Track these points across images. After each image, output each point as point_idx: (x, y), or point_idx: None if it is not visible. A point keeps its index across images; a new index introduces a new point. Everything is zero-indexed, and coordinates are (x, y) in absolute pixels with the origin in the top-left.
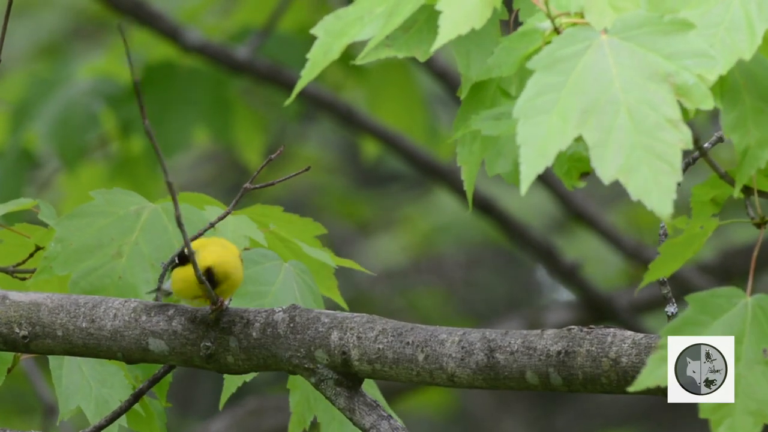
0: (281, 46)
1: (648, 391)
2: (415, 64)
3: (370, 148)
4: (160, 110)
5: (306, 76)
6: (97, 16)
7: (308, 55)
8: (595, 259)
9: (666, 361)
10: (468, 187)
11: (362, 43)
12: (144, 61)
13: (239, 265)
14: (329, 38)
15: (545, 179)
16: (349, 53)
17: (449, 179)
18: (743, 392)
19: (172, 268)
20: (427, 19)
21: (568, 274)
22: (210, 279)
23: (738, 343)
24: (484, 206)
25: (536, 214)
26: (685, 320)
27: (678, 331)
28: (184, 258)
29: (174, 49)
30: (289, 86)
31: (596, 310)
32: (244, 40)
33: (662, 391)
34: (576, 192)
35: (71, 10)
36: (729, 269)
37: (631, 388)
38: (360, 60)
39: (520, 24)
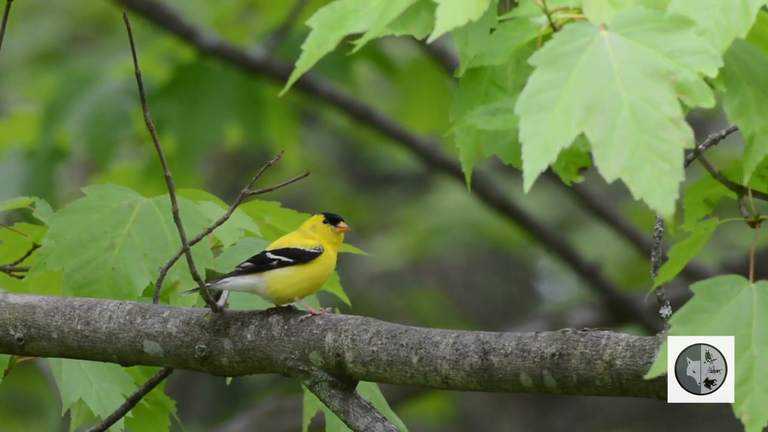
0: (299, 47)
1: (644, 392)
2: (444, 65)
3: (400, 156)
4: (191, 108)
5: (300, 67)
6: (97, 19)
7: (303, 47)
8: (600, 253)
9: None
10: (466, 169)
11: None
12: (175, 61)
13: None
14: (324, 30)
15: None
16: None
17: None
18: (759, 371)
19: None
20: None
21: (588, 275)
22: None
23: (747, 326)
24: (503, 206)
25: (544, 210)
26: (693, 308)
27: (687, 319)
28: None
29: (190, 50)
30: (304, 86)
31: (619, 311)
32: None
33: (657, 393)
34: (595, 190)
35: (71, 15)
36: (754, 268)
37: (647, 376)
38: (360, 42)
39: (516, 4)
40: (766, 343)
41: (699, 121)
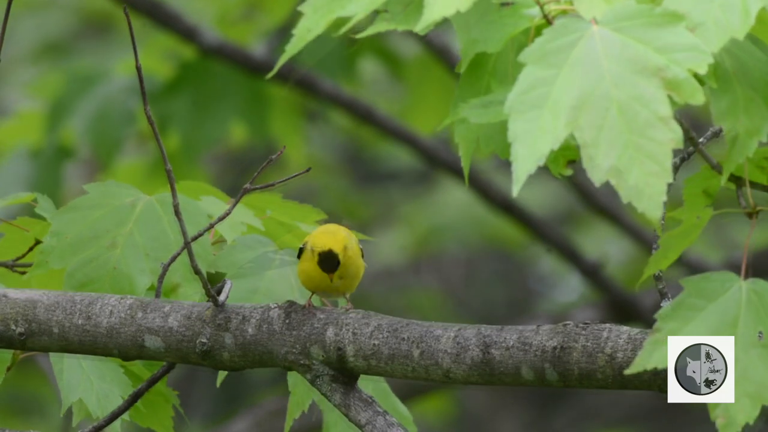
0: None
1: (646, 385)
2: (448, 64)
3: (402, 154)
4: (196, 106)
5: (289, 51)
6: (101, 16)
7: (293, 31)
8: (602, 252)
9: (662, 344)
10: (465, 165)
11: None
12: (179, 58)
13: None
14: (315, 15)
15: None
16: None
17: (471, 180)
18: (740, 375)
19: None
20: None
21: (591, 273)
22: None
23: (733, 326)
24: (505, 205)
25: (545, 208)
26: (681, 304)
27: (673, 315)
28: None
29: (192, 50)
30: (306, 85)
31: (622, 310)
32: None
33: (658, 386)
34: (598, 187)
35: (75, 10)
36: (757, 267)
37: (627, 371)
38: (361, 34)
39: None
40: (750, 346)
41: (699, 122)
